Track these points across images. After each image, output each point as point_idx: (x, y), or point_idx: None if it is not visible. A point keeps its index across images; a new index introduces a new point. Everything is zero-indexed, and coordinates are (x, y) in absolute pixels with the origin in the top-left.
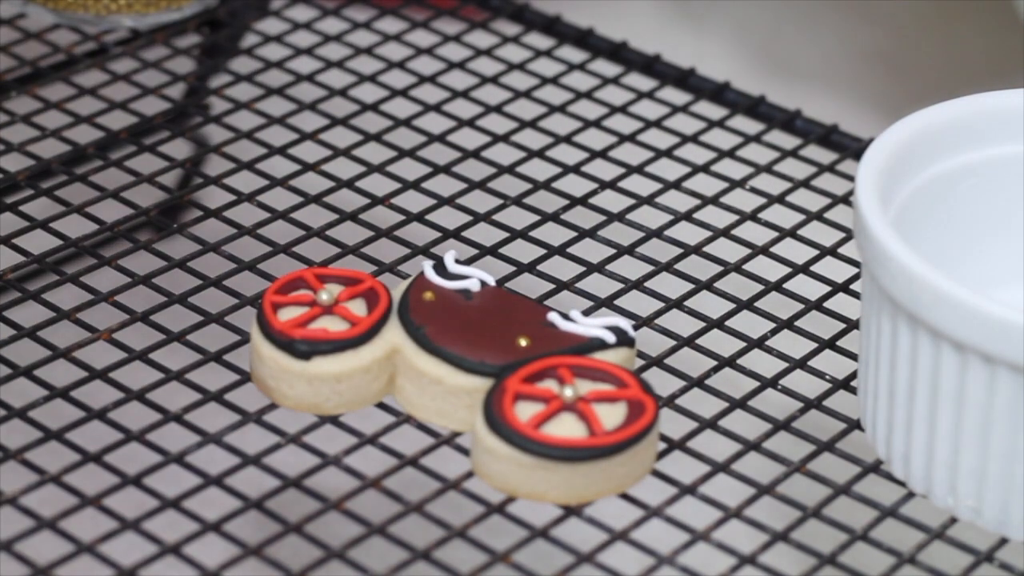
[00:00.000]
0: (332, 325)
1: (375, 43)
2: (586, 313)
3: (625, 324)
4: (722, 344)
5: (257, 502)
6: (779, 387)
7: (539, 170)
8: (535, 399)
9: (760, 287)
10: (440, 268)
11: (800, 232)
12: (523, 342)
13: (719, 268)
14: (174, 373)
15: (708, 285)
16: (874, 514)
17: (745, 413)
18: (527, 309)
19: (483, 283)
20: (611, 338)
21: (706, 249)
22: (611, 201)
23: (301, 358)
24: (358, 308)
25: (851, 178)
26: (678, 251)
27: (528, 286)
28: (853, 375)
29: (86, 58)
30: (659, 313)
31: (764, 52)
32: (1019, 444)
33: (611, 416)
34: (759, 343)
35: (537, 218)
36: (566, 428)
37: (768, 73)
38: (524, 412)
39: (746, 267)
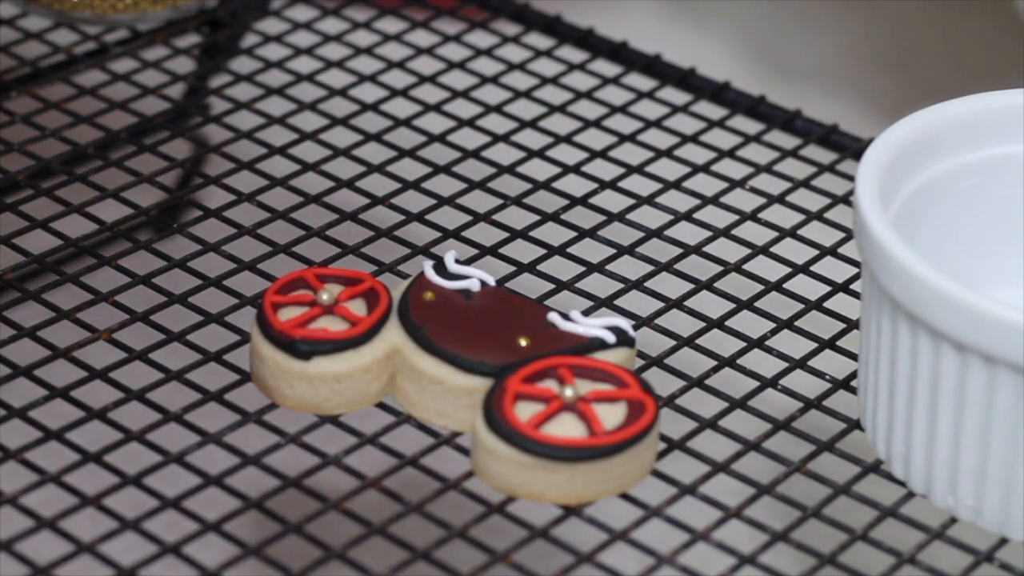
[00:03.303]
0: (332, 325)
1: (375, 43)
2: (586, 313)
3: (625, 324)
4: (722, 344)
5: (257, 502)
6: (779, 387)
7: (539, 170)
8: (535, 399)
9: (760, 287)
10: (440, 268)
11: (800, 232)
12: (523, 342)
13: (719, 268)
14: (174, 373)
15: (708, 285)
16: (874, 514)
17: (745, 413)
18: (527, 309)
19: (483, 283)
20: (611, 338)
21: (706, 249)
22: (611, 201)
23: (301, 358)
24: (358, 308)
25: (851, 178)
26: (678, 251)
27: (528, 286)
28: (853, 375)
29: (86, 58)
30: (659, 313)
31: (764, 52)
32: (1019, 444)
33: (611, 416)
34: (759, 343)
35: (537, 218)
36: (566, 428)
37: (768, 73)
38: (524, 412)
39: (746, 267)
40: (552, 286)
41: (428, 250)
